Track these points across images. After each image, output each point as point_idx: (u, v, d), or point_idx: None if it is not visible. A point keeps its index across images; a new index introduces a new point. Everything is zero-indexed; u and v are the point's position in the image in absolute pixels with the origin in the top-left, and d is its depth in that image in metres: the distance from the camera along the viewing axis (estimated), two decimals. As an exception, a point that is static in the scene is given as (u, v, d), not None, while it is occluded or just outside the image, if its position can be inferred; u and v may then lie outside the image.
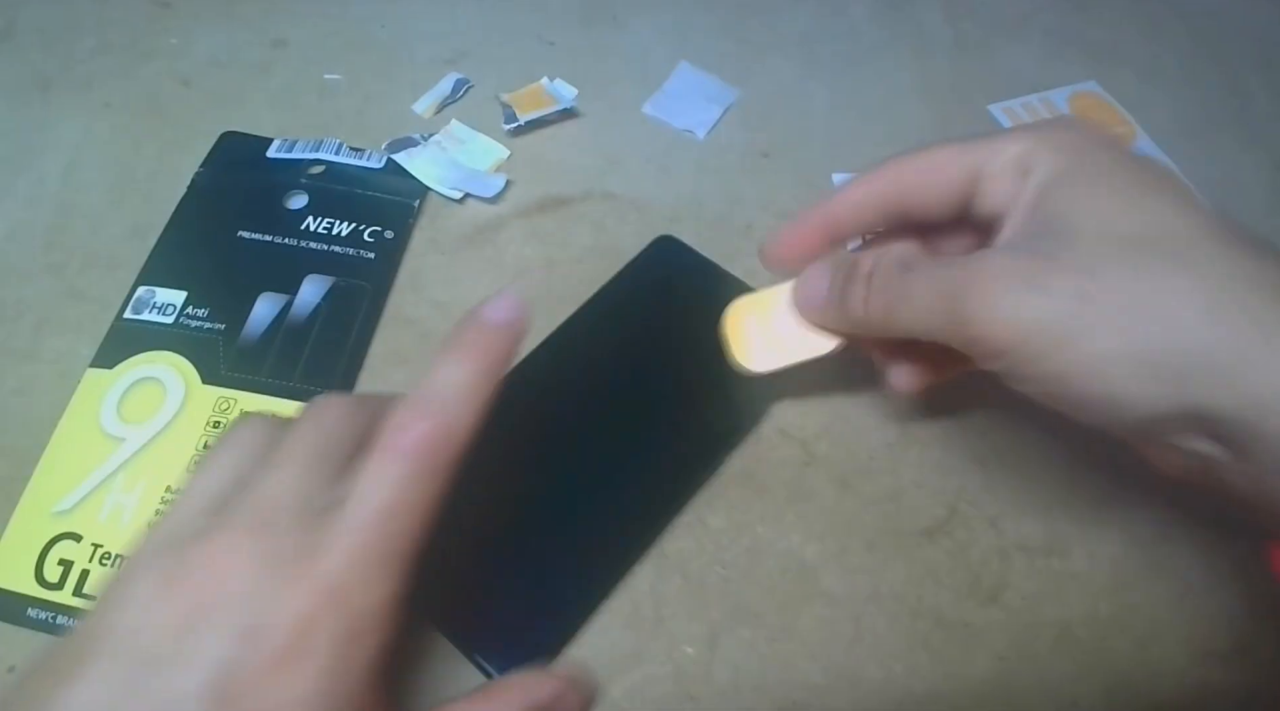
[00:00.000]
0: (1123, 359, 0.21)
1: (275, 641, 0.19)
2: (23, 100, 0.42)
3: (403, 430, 0.21)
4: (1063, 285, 0.21)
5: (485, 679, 0.27)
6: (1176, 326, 0.20)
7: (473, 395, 0.22)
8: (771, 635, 0.29)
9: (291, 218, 0.38)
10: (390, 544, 0.21)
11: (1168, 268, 0.21)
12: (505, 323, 0.24)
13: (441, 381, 0.22)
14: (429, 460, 0.21)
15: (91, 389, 0.33)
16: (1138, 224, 0.21)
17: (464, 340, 0.23)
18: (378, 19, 0.47)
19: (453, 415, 0.22)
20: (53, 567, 0.29)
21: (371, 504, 0.21)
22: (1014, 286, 0.22)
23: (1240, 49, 0.49)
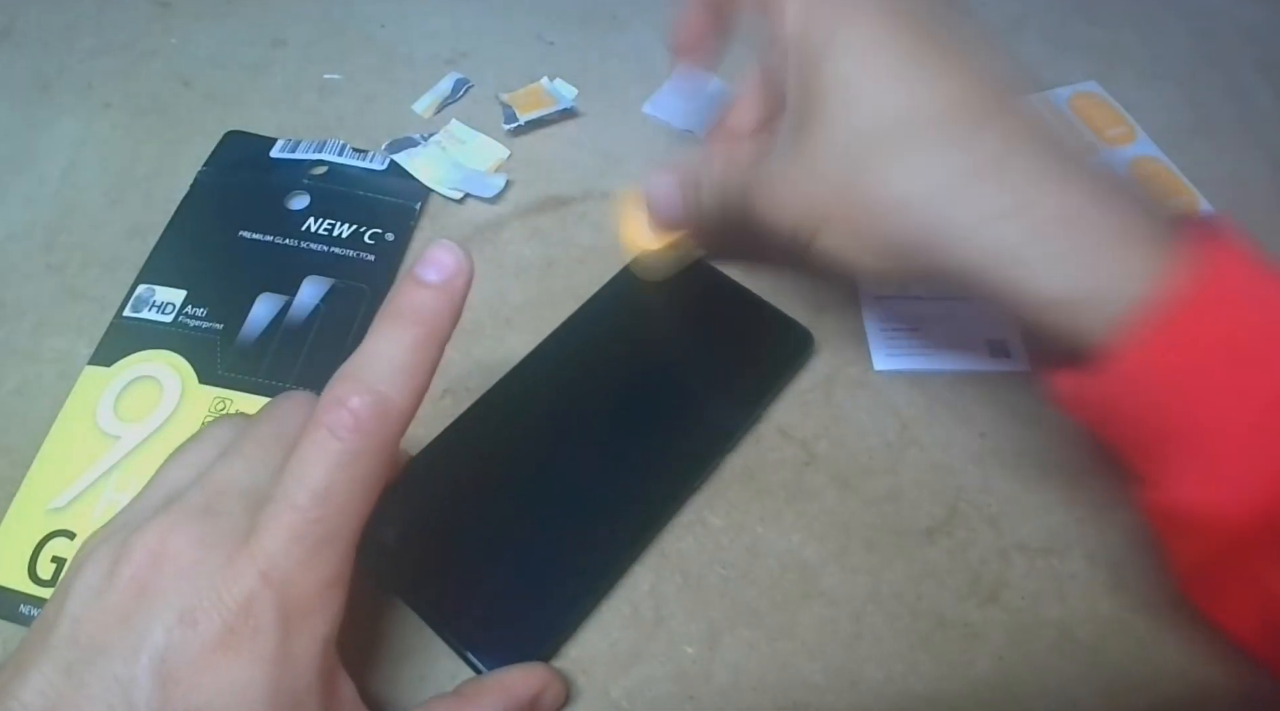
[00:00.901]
0: (860, 249, 0.26)
1: (214, 623, 0.19)
2: (23, 100, 0.43)
3: (337, 406, 0.20)
4: (812, 190, 0.26)
5: (474, 674, 0.27)
6: (902, 219, 0.25)
7: (410, 366, 0.21)
8: (771, 635, 0.29)
9: (293, 218, 0.38)
10: (328, 524, 0.20)
11: (908, 158, 0.24)
12: (440, 282, 0.22)
13: (375, 353, 0.21)
14: (365, 438, 0.20)
15: (89, 386, 0.33)
16: (893, 106, 0.24)
17: (398, 305, 0.22)
18: (378, 19, 0.47)
19: (388, 389, 0.21)
20: (46, 564, 0.29)
21: (306, 484, 0.20)
22: (778, 195, 0.27)
23: (1240, 49, 0.49)
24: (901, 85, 0.24)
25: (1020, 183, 0.23)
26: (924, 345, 0.36)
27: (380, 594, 0.29)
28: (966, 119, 0.24)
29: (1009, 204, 0.23)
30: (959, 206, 0.24)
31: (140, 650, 0.19)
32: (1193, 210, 0.41)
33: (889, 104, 0.24)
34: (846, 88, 0.25)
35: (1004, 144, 0.24)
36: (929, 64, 0.25)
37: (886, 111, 0.24)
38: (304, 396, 0.24)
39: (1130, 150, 0.44)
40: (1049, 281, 0.23)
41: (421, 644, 0.28)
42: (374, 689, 0.27)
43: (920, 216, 0.24)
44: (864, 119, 0.25)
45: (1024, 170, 0.24)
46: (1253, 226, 0.41)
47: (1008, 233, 0.23)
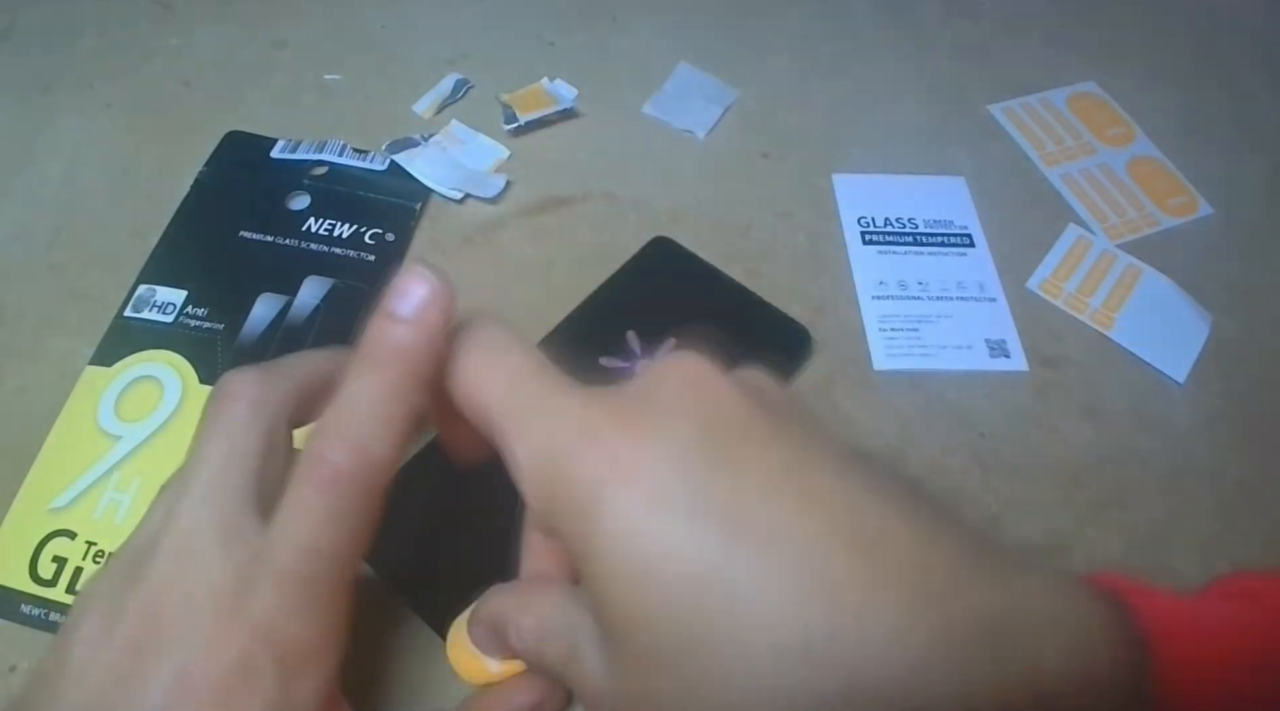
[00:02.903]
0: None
1: (211, 682, 0.19)
2: (24, 101, 0.43)
3: (320, 462, 0.20)
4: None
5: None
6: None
7: (388, 414, 0.20)
8: (770, 634, 0.29)
9: (293, 219, 0.38)
10: (319, 582, 0.20)
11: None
12: (413, 316, 0.20)
13: (353, 400, 0.20)
14: (350, 492, 0.20)
15: (90, 386, 0.33)
16: (701, 611, 0.17)
17: (370, 346, 0.20)
18: (378, 19, 0.47)
19: (369, 439, 0.20)
20: (47, 564, 0.29)
21: (294, 542, 0.20)
22: (593, 704, 0.20)
23: (1239, 49, 0.49)
24: (710, 589, 0.17)
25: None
26: (924, 345, 0.36)
27: (382, 595, 0.29)
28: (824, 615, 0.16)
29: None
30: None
31: (139, 709, 0.19)
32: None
33: (697, 626, 0.17)
34: (632, 604, 0.17)
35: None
36: (746, 544, 0.17)
37: (695, 634, 0.17)
38: (246, 401, 0.22)
39: (1129, 150, 0.44)
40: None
41: (422, 644, 0.28)
42: (374, 690, 0.27)
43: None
44: (671, 647, 0.17)
45: (940, 696, 0.16)
46: (1252, 227, 0.41)
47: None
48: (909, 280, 0.39)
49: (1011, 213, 0.41)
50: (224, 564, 0.20)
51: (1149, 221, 0.41)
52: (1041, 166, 0.43)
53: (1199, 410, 0.35)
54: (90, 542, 0.29)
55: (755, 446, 0.18)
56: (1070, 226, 0.41)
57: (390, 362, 0.20)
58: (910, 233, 0.40)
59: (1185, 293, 0.39)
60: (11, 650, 0.28)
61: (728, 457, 0.18)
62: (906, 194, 0.42)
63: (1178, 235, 0.41)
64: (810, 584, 0.16)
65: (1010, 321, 0.37)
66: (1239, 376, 0.36)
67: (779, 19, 0.49)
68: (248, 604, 0.19)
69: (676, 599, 0.17)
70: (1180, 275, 0.39)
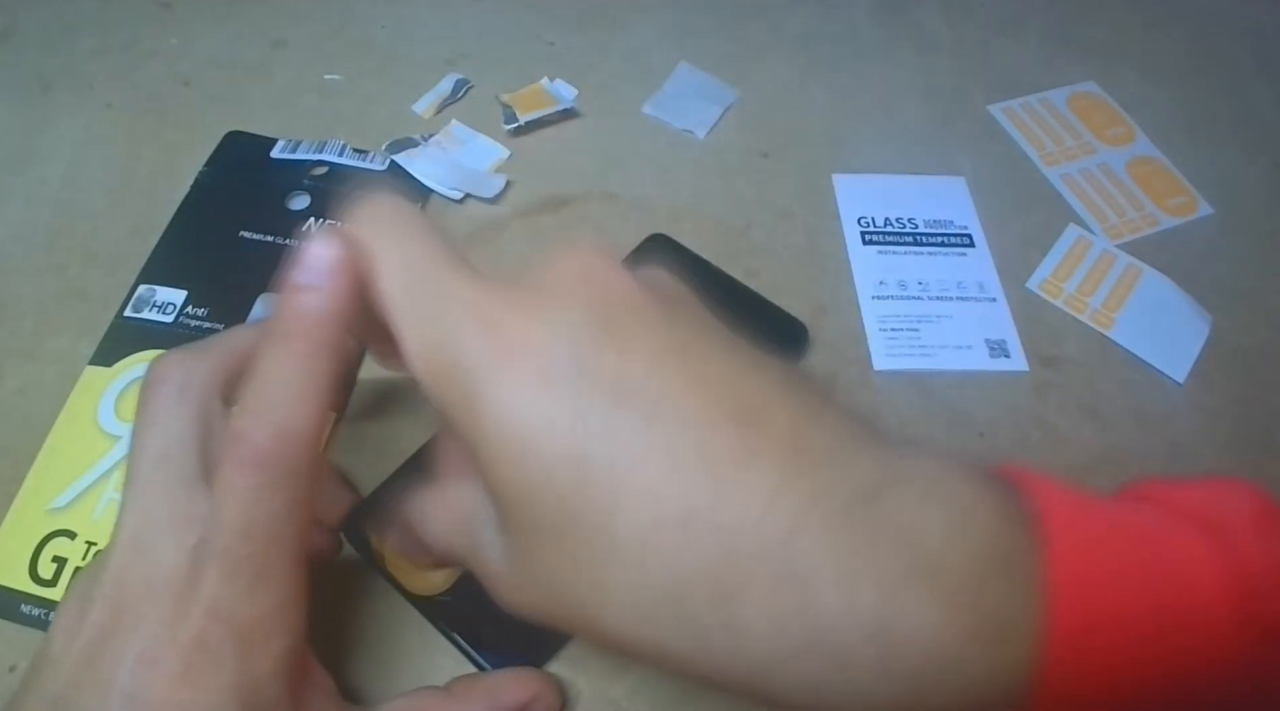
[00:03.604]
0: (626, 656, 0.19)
1: (172, 662, 0.20)
2: (24, 100, 0.43)
3: (242, 441, 0.20)
4: (536, 603, 0.19)
5: (475, 670, 0.27)
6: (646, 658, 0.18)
7: (303, 388, 0.20)
8: (771, 634, 0.29)
9: (293, 219, 0.38)
10: (260, 557, 0.20)
11: (621, 578, 0.17)
12: (315, 284, 0.20)
13: (268, 376, 0.20)
14: (271, 470, 0.20)
15: (90, 386, 0.33)
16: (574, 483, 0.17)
17: (280, 321, 0.20)
18: (378, 19, 0.47)
19: (283, 417, 0.20)
20: (47, 564, 0.29)
21: (224, 524, 0.20)
22: (503, 593, 0.20)
23: (1240, 48, 0.49)
24: (592, 462, 0.17)
25: (814, 586, 0.16)
26: (924, 345, 0.36)
27: (381, 593, 0.29)
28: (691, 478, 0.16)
29: (794, 638, 0.16)
30: (717, 653, 0.17)
31: (109, 690, 0.20)
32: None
33: (579, 498, 0.17)
34: (517, 481, 0.17)
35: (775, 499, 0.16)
36: (628, 417, 0.17)
37: (576, 505, 0.17)
38: (174, 386, 0.23)
39: (1129, 150, 0.44)
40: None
41: (422, 644, 0.28)
42: (373, 687, 0.27)
43: (673, 665, 0.18)
44: (553, 519, 0.17)
45: (812, 565, 0.16)
46: (1252, 227, 0.41)
47: (803, 675, 0.16)
48: (909, 280, 0.39)
49: (1011, 213, 0.41)
50: (175, 548, 0.21)
51: (1149, 221, 0.41)
52: (1041, 166, 0.43)
53: (1199, 410, 0.35)
54: (90, 543, 0.29)
55: (644, 328, 0.18)
56: (1070, 226, 0.41)
57: (300, 333, 0.20)
58: (910, 233, 0.40)
59: (1185, 293, 0.39)
60: (11, 650, 0.28)
61: (616, 338, 0.18)
62: (906, 194, 0.42)
63: (1178, 235, 0.41)
64: (691, 454, 0.16)
65: (1010, 321, 0.37)
66: (1239, 376, 0.36)
67: (779, 19, 0.49)
68: (198, 586, 0.20)
69: (559, 473, 0.17)
70: (1180, 275, 0.39)
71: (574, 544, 0.17)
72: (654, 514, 0.16)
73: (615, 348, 0.17)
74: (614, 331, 0.18)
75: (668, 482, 0.16)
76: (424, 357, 0.19)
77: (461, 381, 0.18)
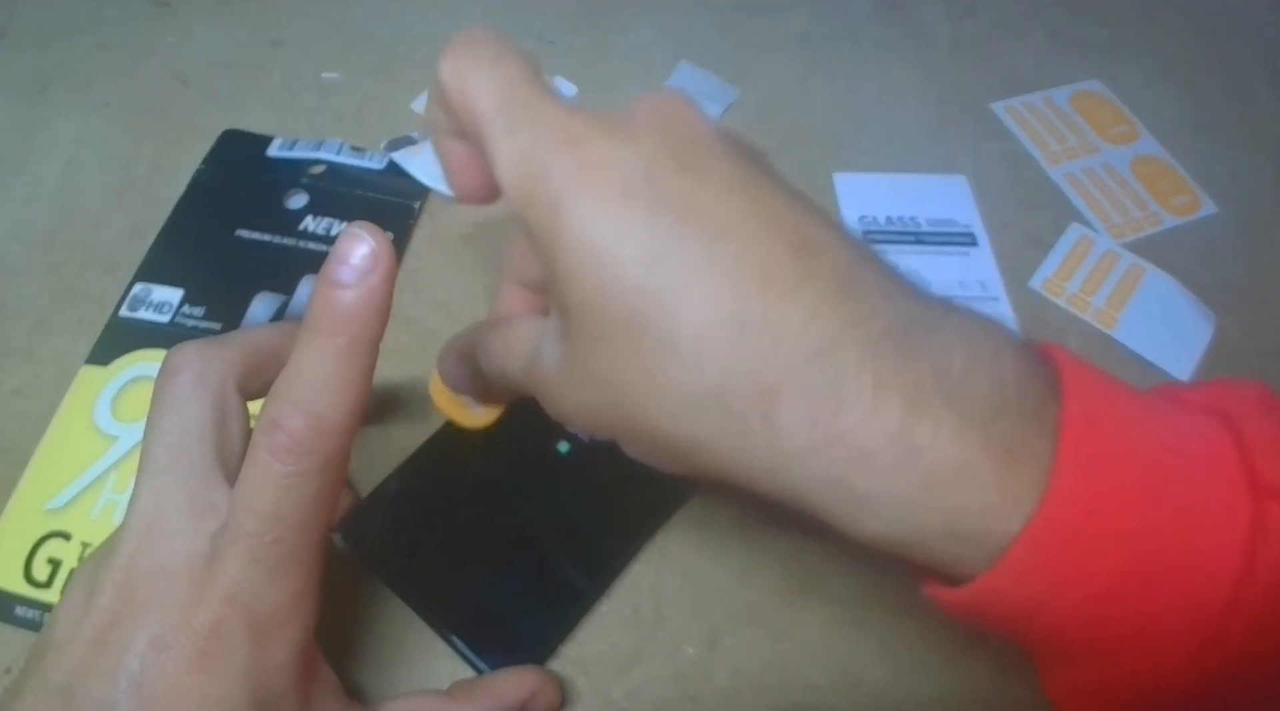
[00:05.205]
0: (666, 465, 0.21)
1: (185, 647, 0.20)
2: (21, 99, 0.42)
3: (275, 429, 0.20)
4: (590, 406, 0.21)
5: (473, 674, 0.27)
6: (691, 462, 0.20)
7: (339, 380, 0.20)
8: (772, 635, 0.29)
9: (291, 217, 0.38)
10: (284, 543, 0.20)
11: (675, 386, 0.19)
12: (355, 281, 0.20)
13: (305, 367, 0.20)
14: (306, 458, 0.20)
15: (86, 386, 0.32)
16: (650, 300, 0.19)
17: (316, 315, 0.20)
18: (376, 17, 0.47)
19: (321, 407, 0.20)
20: (41, 566, 0.29)
21: (254, 510, 0.20)
22: (558, 404, 0.22)
23: (1244, 47, 0.49)
24: (659, 268, 0.18)
25: (845, 394, 0.18)
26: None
27: (380, 593, 0.28)
28: (742, 309, 0.18)
29: (823, 433, 0.18)
30: (753, 447, 0.19)
31: (117, 674, 0.19)
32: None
33: (644, 300, 0.18)
34: (588, 284, 0.19)
35: (804, 332, 0.18)
36: (696, 233, 0.18)
37: (640, 306, 0.18)
38: (191, 376, 0.23)
39: (1133, 149, 0.44)
40: (896, 523, 0.18)
41: (422, 644, 0.28)
42: (372, 689, 0.27)
43: (706, 459, 0.19)
44: (617, 320, 0.19)
45: (845, 375, 0.18)
46: (1256, 227, 0.41)
47: (827, 467, 0.18)
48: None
49: (1014, 211, 0.41)
50: (192, 534, 0.21)
51: (1152, 220, 0.41)
52: (1044, 165, 0.43)
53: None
54: (86, 544, 0.29)
55: (716, 163, 0.20)
56: (1073, 225, 0.41)
57: (339, 328, 0.20)
58: (912, 232, 0.40)
59: (1189, 292, 0.38)
60: (6, 652, 0.28)
61: (692, 166, 0.19)
62: (908, 193, 0.41)
63: (1181, 234, 0.41)
64: (748, 270, 0.18)
65: (1012, 321, 0.37)
66: (1242, 375, 0.36)
67: (779, 18, 0.49)
68: (217, 571, 0.20)
69: (630, 277, 0.18)
70: (1184, 274, 0.39)
71: (636, 343, 0.19)
72: (713, 316, 0.18)
73: (689, 175, 0.19)
74: (689, 162, 0.19)
75: (727, 291, 0.18)
76: (514, 171, 0.20)
77: (545, 192, 0.19)
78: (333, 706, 0.23)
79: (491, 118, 0.20)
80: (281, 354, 0.21)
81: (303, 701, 0.22)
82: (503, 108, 0.20)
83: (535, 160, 0.19)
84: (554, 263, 0.19)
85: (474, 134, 0.21)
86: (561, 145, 0.19)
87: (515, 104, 0.20)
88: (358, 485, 0.31)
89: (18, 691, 0.20)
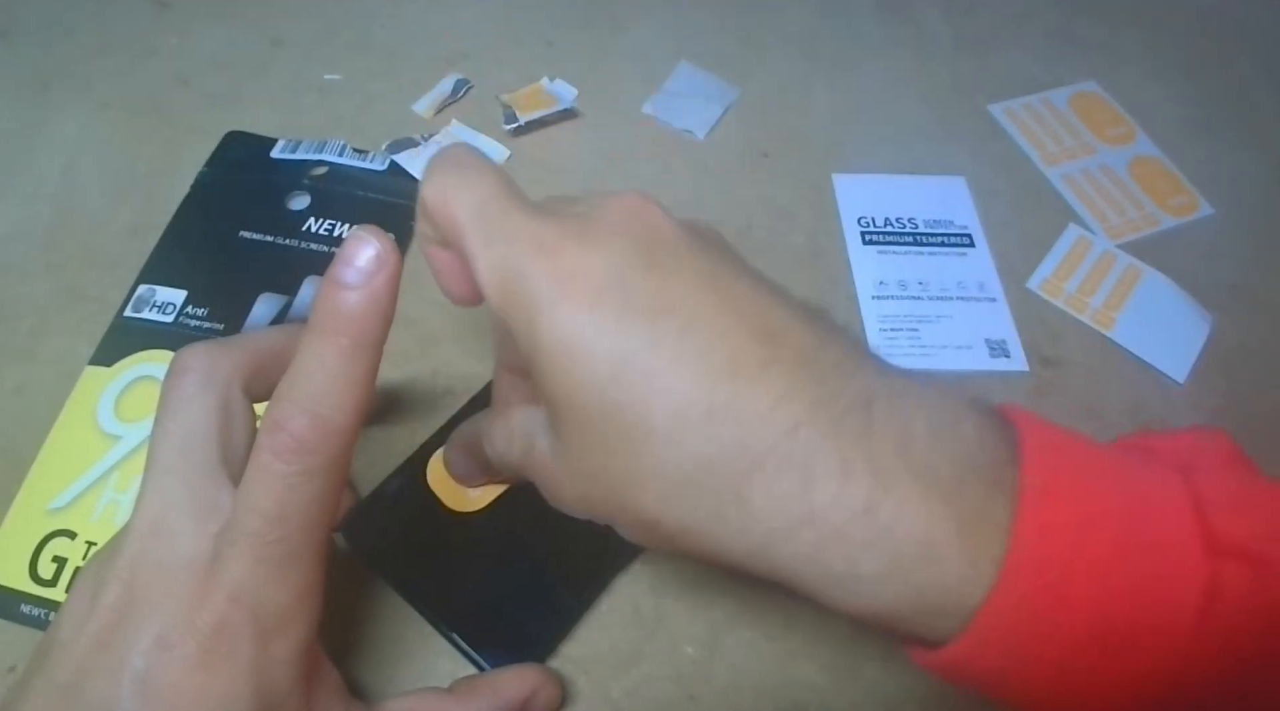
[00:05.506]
0: (662, 549, 0.22)
1: (189, 648, 0.20)
2: (22, 100, 0.42)
3: (279, 430, 0.20)
4: (585, 495, 0.22)
5: (473, 670, 0.27)
6: (681, 544, 0.21)
7: (343, 381, 0.21)
8: (772, 634, 0.29)
9: (293, 218, 0.38)
10: (288, 543, 0.21)
11: (655, 473, 0.20)
12: (360, 283, 0.20)
13: (309, 368, 0.21)
14: (310, 458, 0.20)
15: (90, 386, 0.33)
16: (624, 390, 0.19)
17: (321, 314, 0.21)
18: (378, 19, 0.47)
19: (325, 408, 0.20)
20: (47, 564, 0.29)
21: (258, 510, 0.20)
22: (555, 492, 0.23)
23: (1241, 49, 0.49)
24: (632, 363, 0.19)
25: (814, 473, 0.18)
26: (924, 345, 0.36)
27: (381, 593, 0.29)
28: (717, 390, 0.19)
29: (796, 513, 0.18)
30: (731, 528, 0.19)
31: (122, 673, 0.20)
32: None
33: (620, 393, 0.19)
34: (568, 379, 0.20)
35: (777, 413, 0.19)
36: (664, 329, 0.19)
37: (617, 399, 0.19)
38: (196, 377, 0.23)
39: (1131, 150, 0.44)
40: (870, 600, 0.19)
41: (423, 642, 0.28)
42: (373, 688, 0.27)
43: (694, 542, 0.20)
44: (597, 413, 0.20)
45: (813, 455, 0.18)
46: (1253, 227, 0.41)
47: (801, 548, 0.19)
48: (909, 280, 0.38)
49: (1012, 212, 0.41)
50: (197, 534, 0.21)
51: (1150, 221, 0.41)
52: (1042, 166, 0.43)
53: (1199, 410, 0.35)
54: (90, 543, 0.29)
55: (681, 261, 0.21)
56: (1071, 226, 0.41)
57: (343, 329, 0.21)
58: (910, 232, 0.40)
59: (1186, 292, 0.38)
60: (11, 650, 0.28)
61: (658, 266, 0.20)
62: (907, 194, 0.41)
63: (1178, 235, 0.41)
64: (718, 360, 0.19)
65: (1010, 321, 0.37)
66: (1239, 377, 0.36)
67: (779, 18, 0.49)
68: (221, 571, 0.20)
69: (603, 371, 0.19)
70: (1181, 275, 0.39)
71: (615, 434, 0.20)
72: (684, 403, 0.19)
73: (656, 275, 0.20)
74: (655, 262, 0.20)
75: (697, 381, 0.19)
76: (493, 279, 0.21)
77: (524, 299, 0.20)
78: (336, 704, 0.23)
79: (470, 230, 0.21)
80: (288, 356, 0.21)
81: (306, 699, 0.22)
82: (480, 220, 0.21)
83: (512, 268, 0.20)
84: (534, 360, 0.20)
85: (454, 244, 0.22)
86: (534, 254, 0.20)
87: (490, 217, 0.21)
88: (358, 485, 0.31)
89: (23, 689, 0.21)
